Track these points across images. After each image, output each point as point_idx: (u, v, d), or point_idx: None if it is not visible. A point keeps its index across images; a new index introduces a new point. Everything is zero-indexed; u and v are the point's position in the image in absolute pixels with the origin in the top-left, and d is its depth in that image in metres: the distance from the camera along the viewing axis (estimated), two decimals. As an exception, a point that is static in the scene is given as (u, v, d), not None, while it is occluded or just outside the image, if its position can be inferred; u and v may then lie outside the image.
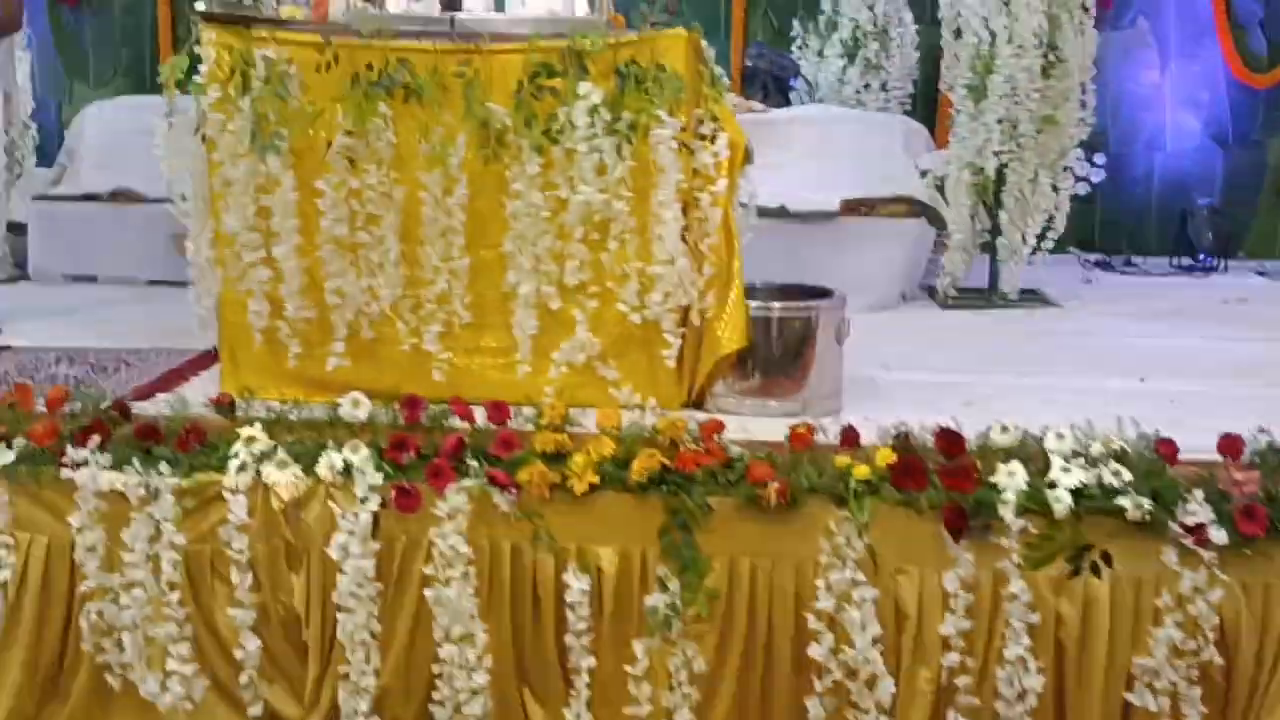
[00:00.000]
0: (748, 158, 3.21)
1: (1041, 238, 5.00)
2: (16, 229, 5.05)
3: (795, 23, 6.21)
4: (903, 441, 2.62)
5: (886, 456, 2.56)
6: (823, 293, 3.37)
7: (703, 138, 3.11)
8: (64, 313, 4.59)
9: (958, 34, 4.93)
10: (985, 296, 5.07)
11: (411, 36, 3.15)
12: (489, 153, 3.09)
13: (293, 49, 3.10)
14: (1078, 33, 4.78)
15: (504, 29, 3.27)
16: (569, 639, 2.60)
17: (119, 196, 5.20)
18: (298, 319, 3.19)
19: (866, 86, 5.93)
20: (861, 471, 2.54)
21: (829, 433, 2.71)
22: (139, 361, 3.73)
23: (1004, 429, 2.63)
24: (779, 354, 3.21)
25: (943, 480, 2.53)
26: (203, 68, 3.10)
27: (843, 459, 2.57)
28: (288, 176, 3.10)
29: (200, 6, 3.15)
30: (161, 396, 3.27)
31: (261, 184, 3.13)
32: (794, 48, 6.14)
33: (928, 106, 6.25)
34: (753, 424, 2.93)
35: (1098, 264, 6.21)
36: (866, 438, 2.69)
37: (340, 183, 3.11)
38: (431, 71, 3.08)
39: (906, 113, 6.03)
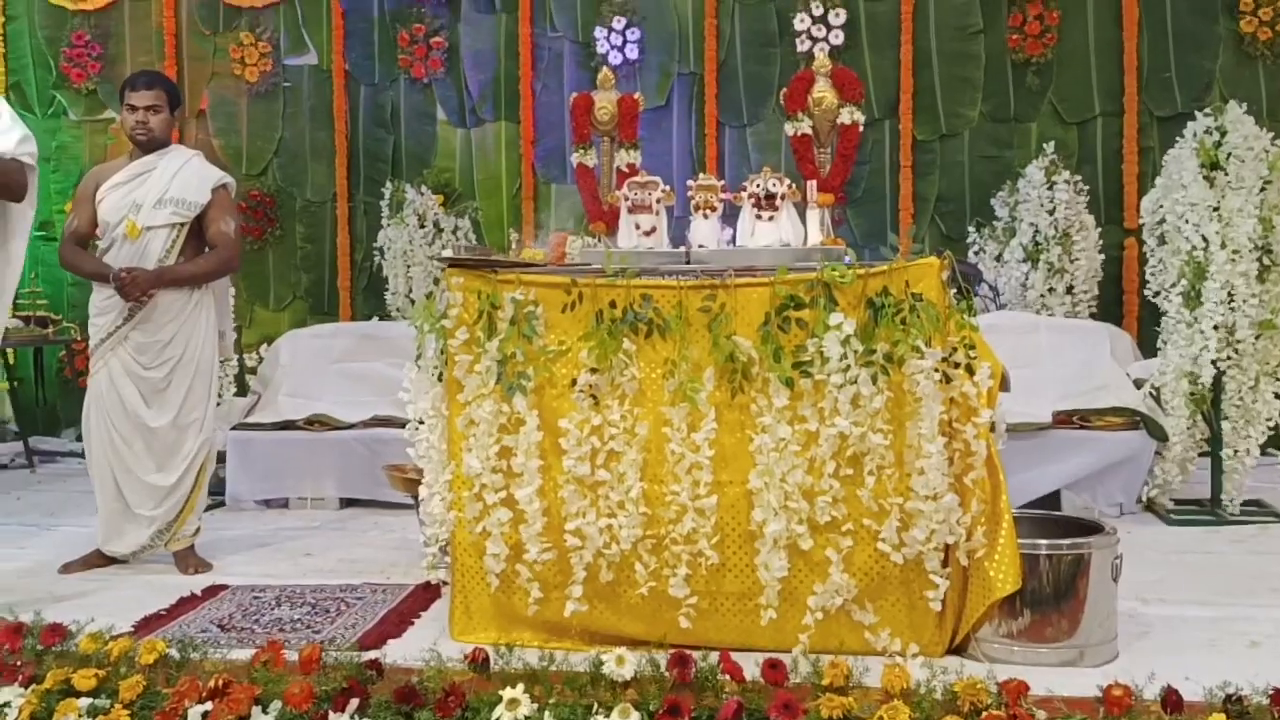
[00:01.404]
0: (1004, 385, 3.06)
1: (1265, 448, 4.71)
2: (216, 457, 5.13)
3: (970, 229, 6.16)
4: (1237, 705, 2.35)
5: (1224, 724, 2.29)
6: (1090, 526, 3.15)
7: (957, 365, 2.98)
8: (265, 543, 4.57)
9: (1161, 240, 4.79)
10: (1210, 510, 4.76)
11: (651, 273, 3.13)
12: (735, 386, 3.01)
13: (539, 290, 3.09)
14: (1292, 234, 4.60)
15: (739, 261, 3.23)
16: None
17: (314, 423, 5.27)
18: (538, 562, 3.07)
19: (1051, 290, 5.79)
20: (1199, 742, 2.26)
21: (1143, 691, 2.44)
22: (356, 600, 3.65)
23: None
24: (1051, 595, 2.97)
25: (1297, 753, 2.24)
26: (451, 311, 3.10)
27: (1175, 727, 2.30)
28: (532, 416, 3.05)
29: (447, 254, 3.18)
30: (394, 643, 3.17)
31: (504, 424, 3.08)
32: (970, 253, 6.08)
33: (1112, 309, 6.09)
34: (1032, 673, 2.67)
35: (1306, 467, 5.83)
36: (1181, 693, 2.43)
37: (584, 420, 3.04)
38: (676, 307, 3.04)
39: (1093, 315, 5.87)
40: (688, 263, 3.28)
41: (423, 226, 6.50)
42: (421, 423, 3.26)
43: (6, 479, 6.08)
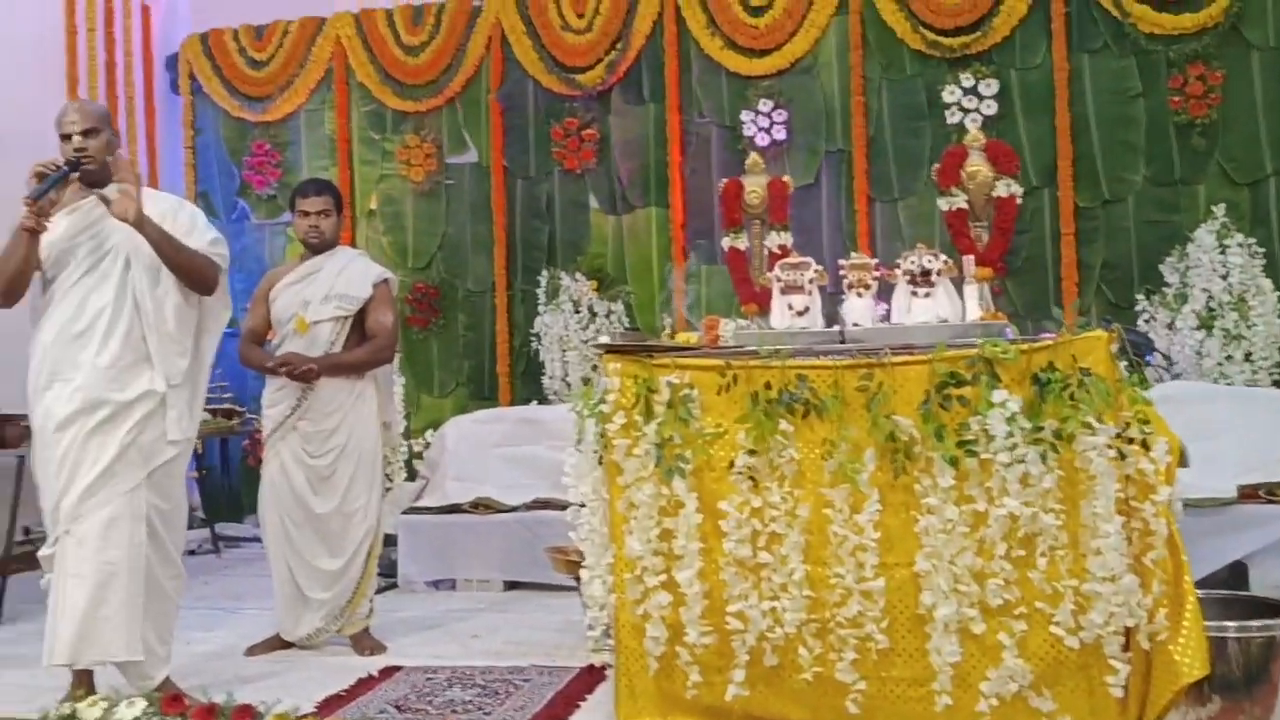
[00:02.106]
0: (1183, 460, 2.93)
1: None
2: (387, 540, 5.29)
3: (1139, 296, 5.95)
4: None
5: None
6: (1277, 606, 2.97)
7: (1132, 442, 2.87)
8: (435, 625, 4.70)
9: (1344, 302, 4.54)
10: None
11: (805, 353, 3.14)
12: (898, 466, 2.97)
13: (693, 373, 3.14)
14: None
15: (896, 339, 3.21)
16: None
17: (479, 506, 5.42)
18: (698, 645, 3.07)
19: (1229, 358, 5.52)
20: None
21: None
22: (523, 681, 3.71)
23: None
24: (1241, 680, 2.81)
25: None
26: (608, 396, 3.17)
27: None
28: (691, 498, 3.08)
29: (603, 340, 3.27)
30: (563, 726, 3.22)
31: (664, 506, 3.11)
32: (1140, 321, 5.86)
33: (1297, 374, 5.75)
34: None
35: None
36: None
37: (743, 502, 3.05)
38: (832, 387, 3.04)
39: (1275, 382, 5.56)
40: (843, 341, 3.27)
41: (578, 312, 6.68)
42: (583, 506, 3.32)
43: (195, 564, 6.39)
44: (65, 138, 3.43)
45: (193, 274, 3.53)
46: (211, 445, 7.48)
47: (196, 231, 3.58)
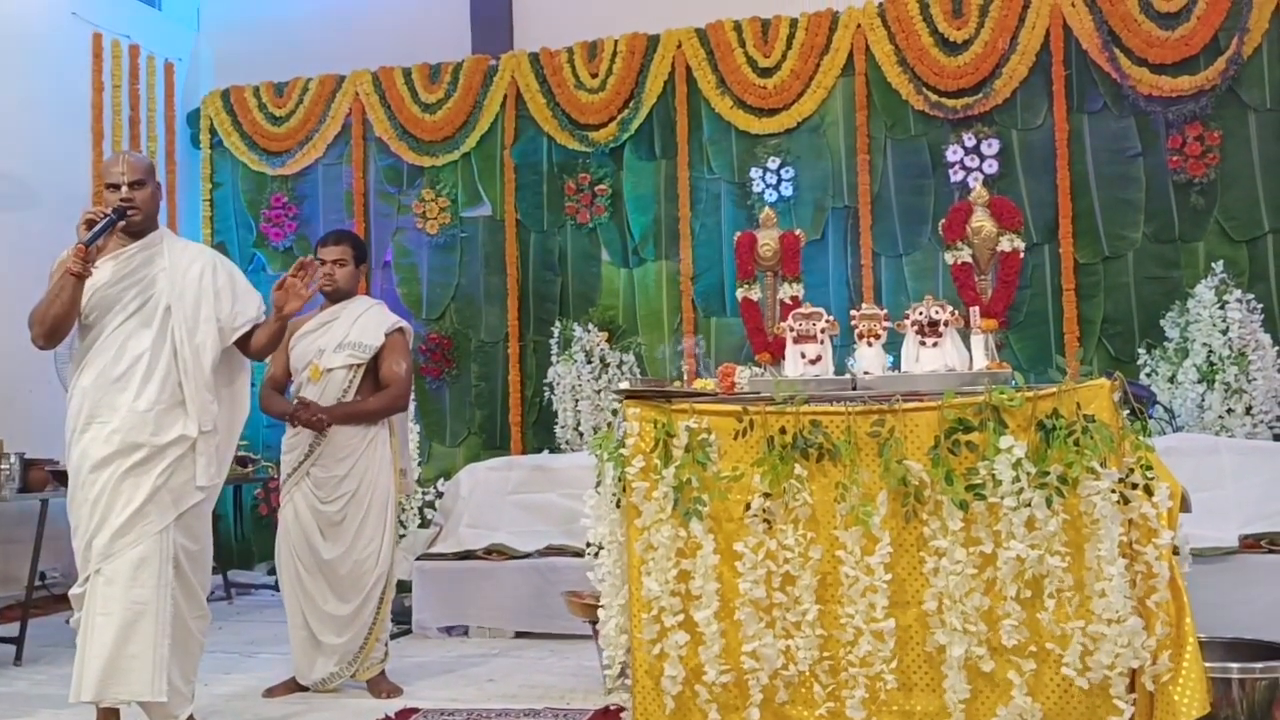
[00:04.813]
0: (1185, 506, 3.03)
1: None
2: (402, 586, 5.36)
3: (1140, 350, 6.07)
4: None
5: None
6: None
7: (1135, 487, 2.97)
8: (450, 669, 4.75)
9: (1345, 356, 4.64)
10: None
11: (819, 400, 3.25)
12: (909, 509, 3.07)
13: (711, 418, 3.24)
14: None
15: (905, 386, 3.32)
16: None
17: (492, 553, 5.49)
18: (716, 684, 3.15)
19: (1230, 411, 5.62)
20: None
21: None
22: (539, 724, 3.77)
23: None
24: (1246, 721, 2.88)
25: None
26: (628, 440, 3.27)
27: None
28: (709, 540, 3.17)
29: (624, 386, 3.38)
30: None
31: (681, 548, 3.21)
32: (1142, 375, 5.97)
33: (1298, 427, 5.85)
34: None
35: None
36: None
37: (758, 544, 3.14)
38: (845, 432, 3.14)
39: (1276, 436, 5.65)
40: (854, 389, 3.38)
41: (589, 362, 6.79)
42: (600, 548, 3.41)
43: (208, 609, 6.47)
44: (113, 187, 3.56)
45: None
46: (224, 493, 7.56)
47: (239, 289, 3.73)
